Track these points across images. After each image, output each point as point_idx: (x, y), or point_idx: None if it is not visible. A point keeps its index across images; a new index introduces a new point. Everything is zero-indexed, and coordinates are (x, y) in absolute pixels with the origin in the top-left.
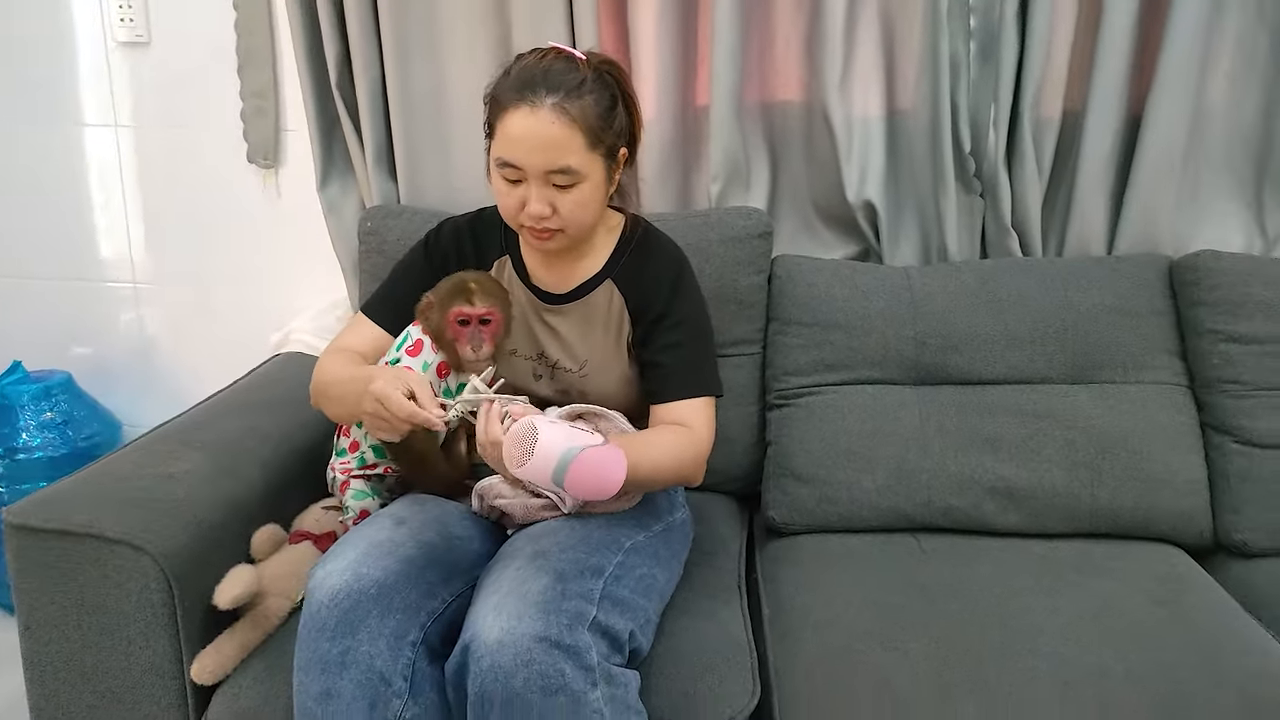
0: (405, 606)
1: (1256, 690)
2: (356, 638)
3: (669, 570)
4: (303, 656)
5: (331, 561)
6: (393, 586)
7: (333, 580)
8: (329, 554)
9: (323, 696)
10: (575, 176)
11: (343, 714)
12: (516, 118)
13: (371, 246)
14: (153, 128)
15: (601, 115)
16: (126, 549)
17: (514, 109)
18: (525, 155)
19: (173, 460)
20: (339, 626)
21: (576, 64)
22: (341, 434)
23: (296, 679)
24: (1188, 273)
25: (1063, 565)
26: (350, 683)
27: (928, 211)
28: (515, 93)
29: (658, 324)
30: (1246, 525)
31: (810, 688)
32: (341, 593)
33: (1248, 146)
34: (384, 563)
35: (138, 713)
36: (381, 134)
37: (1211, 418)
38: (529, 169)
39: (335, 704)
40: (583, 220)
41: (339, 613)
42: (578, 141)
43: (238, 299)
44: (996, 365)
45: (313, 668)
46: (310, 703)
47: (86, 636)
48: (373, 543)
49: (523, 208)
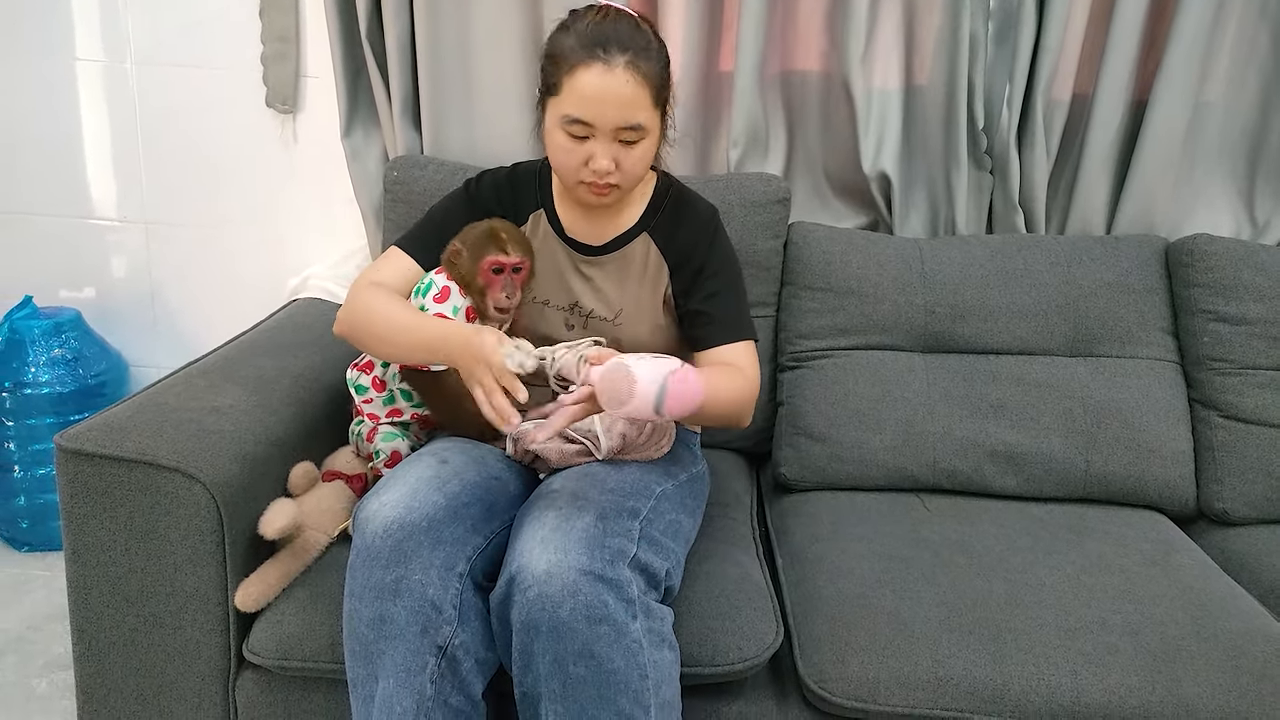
0: (453, 539)
1: (1242, 646)
2: (409, 567)
3: (693, 517)
4: (355, 584)
5: (384, 494)
6: (441, 521)
7: (386, 513)
8: (379, 488)
9: (376, 621)
10: (642, 133)
11: (396, 638)
12: (590, 75)
13: (397, 196)
14: (169, 67)
15: (663, 76)
16: (179, 476)
17: (586, 66)
18: (599, 112)
19: (217, 394)
20: (392, 556)
21: (637, 23)
22: (361, 369)
23: (348, 605)
24: (1183, 255)
25: (1059, 526)
26: (403, 609)
27: (938, 185)
28: (586, 51)
29: (699, 275)
30: (1228, 495)
31: (829, 628)
32: (395, 524)
33: (1243, 137)
34: (433, 498)
35: (179, 637)
36: (408, 84)
37: (1199, 393)
38: (600, 125)
39: (389, 628)
40: (639, 174)
41: (392, 543)
42: (647, 99)
43: (249, 244)
44: (1001, 336)
45: (366, 594)
46: (363, 627)
47: (133, 561)
48: (420, 478)
49: (585, 164)
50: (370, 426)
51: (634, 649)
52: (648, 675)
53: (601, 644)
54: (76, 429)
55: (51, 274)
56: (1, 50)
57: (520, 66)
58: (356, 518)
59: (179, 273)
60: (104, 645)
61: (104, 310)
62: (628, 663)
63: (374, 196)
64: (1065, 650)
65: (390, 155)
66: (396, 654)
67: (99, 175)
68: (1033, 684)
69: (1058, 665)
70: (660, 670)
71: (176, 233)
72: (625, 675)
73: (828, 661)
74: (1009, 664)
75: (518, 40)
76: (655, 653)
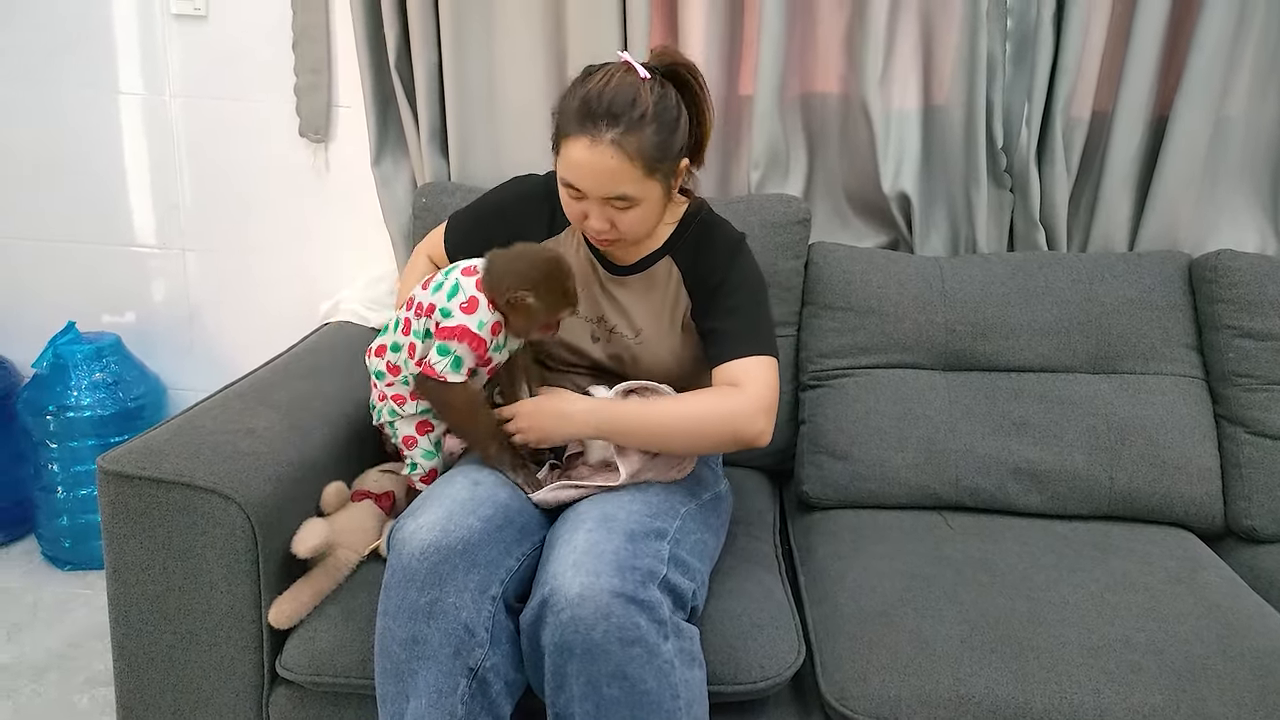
0: (487, 562)
1: (1269, 665)
2: (444, 589)
3: (717, 536)
4: (390, 604)
5: (421, 516)
6: (476, 544)
7: (422, 535)
8: (415, 510)
9: (409, 642)
10: (631, 201)
11: (429, 659)
12: (577, 147)
13: (426, 221)
14: (206, 99)
15: (660, 144)
16: (216, 497)
17: (575, 138)
18: (584, 182)
19: (251, 416)
20: (428, 578)
21: (639, 89)
22: (376, 354)
23: (381, 623)
24: (1207, 271)
25: (1083, 544)
26: (437, 631)
27: (958, 204)
28: (577, 123)
29: (716, 293)
30: (1256, 512)
31: (851, 646)
32: (431, 547)
33: (1266, 151)
34: (468, 521)
35: (215, 654)
36: (436, 114)
37: (1225, 409)
38: (590, 193)
39: (422, 649)
40: (641, 231)
41: (428, 565)
42: (635, 173)
43: (283, 269)
44: (1023, 353)
45: (400, 615)
46: (395, 647)
47: (171, 580)
48: (456, 501)
49: (584, 219)
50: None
51: (666, 669)
52: (679, 695)
53: (634, 665)
54: (117, 451)
55: (94, 300)
56: (47, 83)
57: (544, 95)
58: (393, 539)
59: (215, 298)
60: (143, 662)
61: (143, 335)
62: (660, 684)
63: (403, 222)
64: (1088, 669)
65: (418, 182)
66: (429, 675)
67: (140, 204)
68: (1055, 703)
69: (1080, 684)
70: (691, 689)
71: (213, 259)
72: (658, 696)
73: (849, 679)
74: (1031, 682)
75: (542, 70)
76: (687, 672)
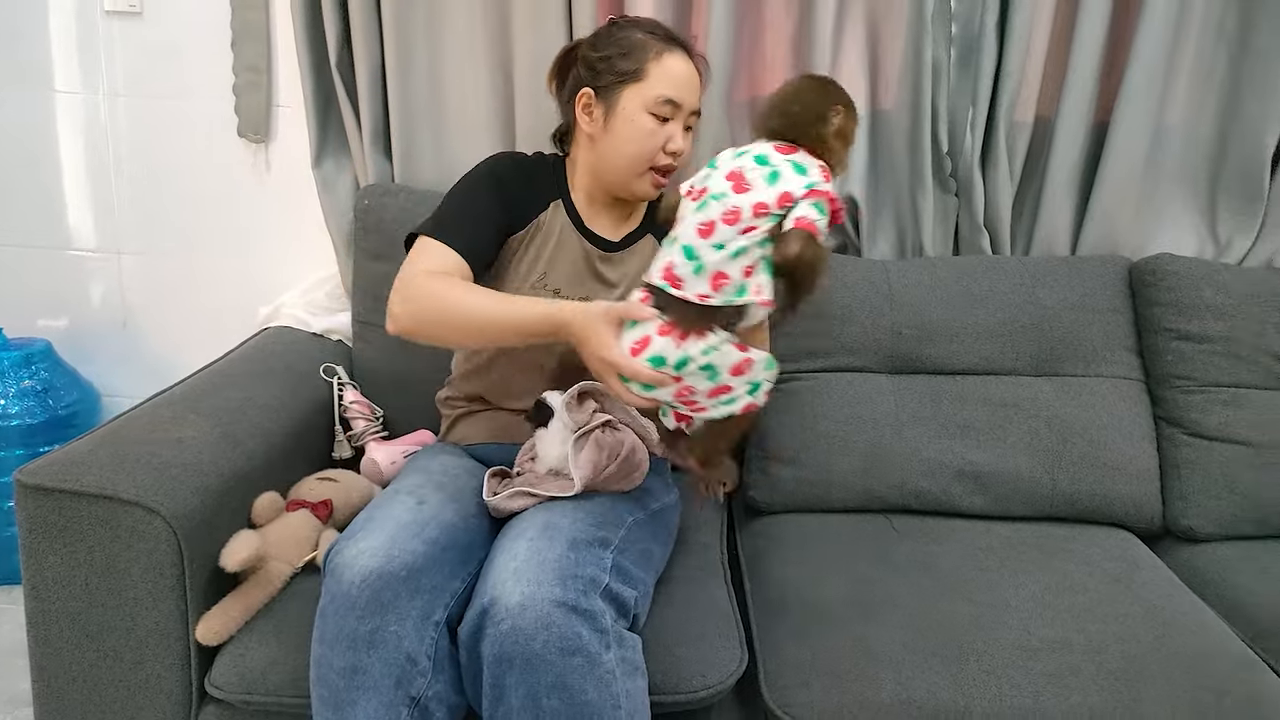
0: (431, 588)
1: (1203, 664)
2: (385, 618)
3: (664, 547)
4: (328, 630)
5: (362, 540)
6: (420, 569)
7: (364, 561)
8: (354, 533)
9: (349, 672)
10: (697, 120)
11: (370, 689)
12: (677, 61)
13: (368, 224)
14: (143, 98)
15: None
16: (139, 510)
17: (671, 53)
18: (688, 93)
19: (180, 426)
20: (369, 606)
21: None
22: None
23: (318, 650)
24: (1146, 274)
25: (1025, 545)
26: (378, 661)
27: (905, 208)
28: (667, 41)
29: None
30: (1193, 512)
31: (794, 653)
32: (374, 574)
33: (1202, 159)
34: (411, 545)
35: (140, 672)
36: (378, 114)
37: (1164, 411)
38: (685, 107)
39: (362, 679)
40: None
41: (370, 592)
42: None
43: (222, 272)
44: (967, 356)
45: (339, 643)
46: (333, 675)
47: (93, 596)
48: (399, 523)
49: (663, 147)
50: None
51: (607, 679)
52: (620, 705)
53: (575, 675)
54: (36, 464)
55: (24, 304)
56: None
57: (489, 96)
58: (331, 562)
59: (152, 302)
60: (64, 682)
61: (76, 340)
62: (601, 694)
63: (344, 225)
64: (1028, 671)
65: (361, 184)
66: (369, 706)
67: (74, 205)
68: (995, 705)
69: (1020, 686)
70: (633, 699)
71: (149, 262)
72: (599, 706)
73: (792, 686)
74: (971, 685)
75: (487, 70)
76: (629, 682)
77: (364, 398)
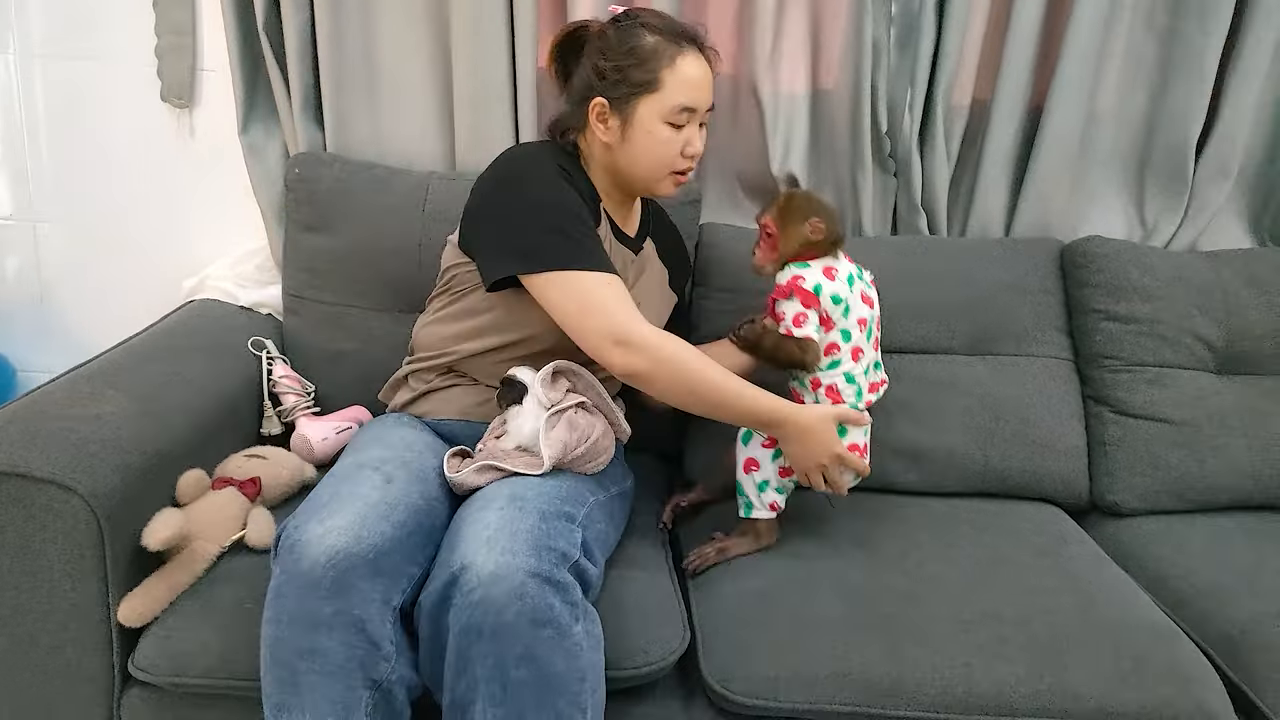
0: (392, 570)
1: (1125, 634)
2: (349, 599)
3: (617, 530)
4: (286, 609)
5: (329, 519)
6: (386, 552)
7: (331, 540)
8: (318, 510)
9: (308, 653)
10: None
11: (331, 674)
12: (692, 62)
13: (300, 194)
14: (60, 59)
15: None
16: (54, 488)
17: (685, 55)
18: (704, 96)
19: (98, 401)
20: (334, 587)
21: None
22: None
23: (273, 630)
24: (1077, 256)
25: (958, 520)
26: (339, 643)
27: (845, 187)
28: (676, 42)
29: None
30: (1119, 488)
31: (733, 629)
32: (340, 554)
33: (1132, 145)
34: (381, 527)
35: (59, 657)
36: (309, 79)
37: (1092, 389)
38: (701, 108)
39: (323, 662)
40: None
41: (335, 573)
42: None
43: (144, 243)
44: (904, 335)
45: (298, 623)
46: (291, 656)
47: (5, 578)
48: (368, 503)
49: (682, 151)
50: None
51: (575, 651)
52: (585, 678)
53: (544, 647)
54: None
55: None
56: None
57: (426, 62)
58: (290, 539)
59: (71, 273)
60: None
61: None
62: (568, 666)
63: (274, 194)
64: (959, 642)
65: (291, 152)
66: (330, 689)
67: None
68: (927, 676)
69: (952, 657)
70: (596, 673)
71: (68, 231)
72: (566, 678)
73: (730, 662)
74: (905, 658)
75: (425, 34)
76: (593, 655)
77: (294, 372)
